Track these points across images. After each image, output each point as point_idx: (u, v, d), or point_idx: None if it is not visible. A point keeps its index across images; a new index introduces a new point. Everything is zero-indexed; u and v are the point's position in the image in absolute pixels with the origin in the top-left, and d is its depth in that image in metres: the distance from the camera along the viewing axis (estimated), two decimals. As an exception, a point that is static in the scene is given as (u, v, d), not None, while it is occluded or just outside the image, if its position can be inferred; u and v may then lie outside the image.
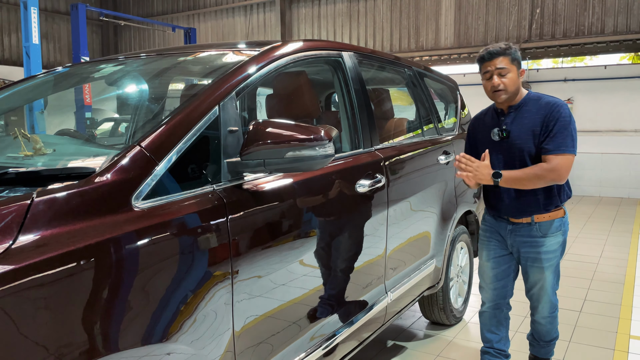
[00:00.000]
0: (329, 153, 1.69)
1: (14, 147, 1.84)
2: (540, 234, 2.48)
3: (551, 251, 2.49)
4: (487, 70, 2.42)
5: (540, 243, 2.48)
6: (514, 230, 2.53)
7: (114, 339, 1.25)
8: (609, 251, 5.63)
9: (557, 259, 2.53)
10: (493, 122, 2.54)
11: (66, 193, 1.25)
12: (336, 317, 2.17)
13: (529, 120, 2.42)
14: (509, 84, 2.40)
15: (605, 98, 9.83)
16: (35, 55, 7.99)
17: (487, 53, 2.41)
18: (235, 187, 1.67)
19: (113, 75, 2.50)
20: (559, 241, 2.51)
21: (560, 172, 2.33)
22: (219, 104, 1.69)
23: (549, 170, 2.33)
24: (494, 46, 2.42)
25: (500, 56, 2.39)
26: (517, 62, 2.43)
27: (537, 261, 2.51)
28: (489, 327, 2.72)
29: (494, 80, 2.40)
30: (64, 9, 14.85)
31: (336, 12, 12.30)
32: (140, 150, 1.44)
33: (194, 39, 12.03)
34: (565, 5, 9.84)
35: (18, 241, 1.13)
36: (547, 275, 2.53)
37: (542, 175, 2.34)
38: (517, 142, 2.43)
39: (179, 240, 1.43)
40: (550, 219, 2.47)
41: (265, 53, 2.03)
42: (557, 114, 2.36)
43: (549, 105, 2.40)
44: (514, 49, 2.42)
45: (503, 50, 2.39)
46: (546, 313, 2.63)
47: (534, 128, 2.40)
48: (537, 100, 2.44)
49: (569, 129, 2.35)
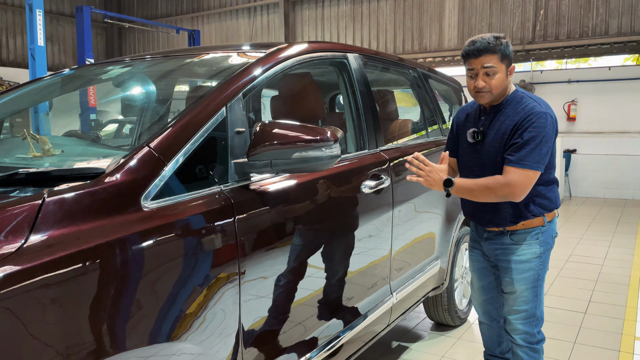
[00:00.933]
0: (336, 154, 1.71)
1: (23, 148, 1.85)
2: (511, 242, 2.22)
3: (523, 261, 2.20)
4: (472, 67, 2.10)
5: (512, 250, 2.22)
6: (489, 237, 2.29)
7: (125, 338, 1.26)
8: (613, 253, 5.62)
9: (532, 273, 2.21)
10: (474, 120, 2.27)
11: (77, 193, 1.27)
12: (341, 317, 2.18)
13: (503, 125, 2.13)
14: (496, 85, 2.09)
15: (610, 99, 9.81)
16: (40, 57, 8.03)
17: (474, 49, 2.07)
18: (242, 187, 1.68)
19: (121, 77, 2.52)
20: (535, 252, 2.20)
21: (514, 188, 2.03)
22: (226, 106, 1.70)
23: (502, 184, 2.04)
24: (481, 40, 2.07)
25: (488, 53, 2.05)
26: (507, 60, 2.10)
27: (507, 271, 2.24)
28: (488, 337, 2.53)
29: (478, 81, 2.09)
30: (68, 11, 14.92)
31: (340, 14, 12.32)
32: (149, 151, 1.46)
33: (198, 41, 12.08)
34: (569, 6, 9.84)
35: (30, 241, 1.14)
36: (519, 289, 2.21)
37: (494, 188, 2.06)
38: (489, 148, 2.16)
39: (188, 240, 1.44)
40: (524, 228, 2.19)
41: (272, 55, 2.04)
42: (529, 122, 2.05)
43: (525, 112, 2.08)
44: (504, 44, 2.08)
45: (492, 47, 2.05)
46: (519, 340, 2.24)
47: (504, 136, 2.11)
48: (517, 103, 2.13)
49: (537, 141, 2.03)
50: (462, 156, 2.32)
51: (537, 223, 2.20)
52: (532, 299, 2.23)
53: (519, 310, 2.24)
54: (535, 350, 2.26)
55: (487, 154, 2.17)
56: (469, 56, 2.10)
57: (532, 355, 2.25)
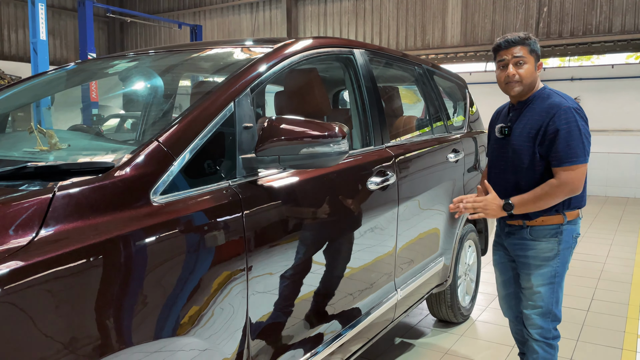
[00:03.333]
0: (343, 150, 1.70)
1: (30, 141, 1.85)
2: (530, 237, 2.27)
3: (541, 257, 2.25)
4: (502, 58, 2.22)
5: (530, 246, 2.27)
6: (510, 232, 2.36)
7: (133, 332, 1.26)
8: (615, 251, 5.62)
9: (549, 270, 2.25)
10: (503, 117, 2.39)
11: (87, 187, 1.27)
12: (347, 313, 2.18)
13: (532, 120, 2.20)
14: (525, 75, 2.19)
15: (613, 97, 9.79)
16: (42, 52, 8.02)
17: (505, 41, 2.21)
18: (250, 182, 1.68)
19: (125, 71, 2.52)
20: (552, 248, 2.24)
21: (568, 186, 2.12)
22: (234, 101, 1.70)
23: (557, 186, 2.12)
24: (512, 34, 2.22)
25: (518, 45, 2.18)
26: (535, 54, 2.22)
27: (524, 266, 2.30)
28: (516, 335, 2.58)
29: (509, 69, 2.20)
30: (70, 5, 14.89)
31: (342, 10, 12.29)
32: (159, 145, 1.45)
33: (200, 36, 12.06)
34: (572, 4, 9.81)
35: (40, 234, 1.14)
36: (535, 284, 2.26)
37: (553, 193, 2.13)
38: (514, 143, 2.24)
39: (196, 235, 1.44)
40: (543, 224, 2.24)
41: (278, 50, 2.04)
42: (558, 120, 2.12)
43: (552, 109, 2.15)
44: (533, 40, 2.22)
45: (522, 40, 2.19)
46: (535, 334, 2.29)
47: (531, 132, 2.19)
48: (544, 99, 2.21)
49: (573, 136, 2.10)
50: (491, 152, 2.41)
51: (557, 221, 2.23)
52: (548, 296, 2.26)
53: (535, 306, 2.29)
54: (551, 346, 2.30)
55: (512, 147, 2.25)
56: (500, 48, 2.23)
57: (547, 351, 2.29)
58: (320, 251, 1.96)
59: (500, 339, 3.36)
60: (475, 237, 3.73)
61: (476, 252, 3.77)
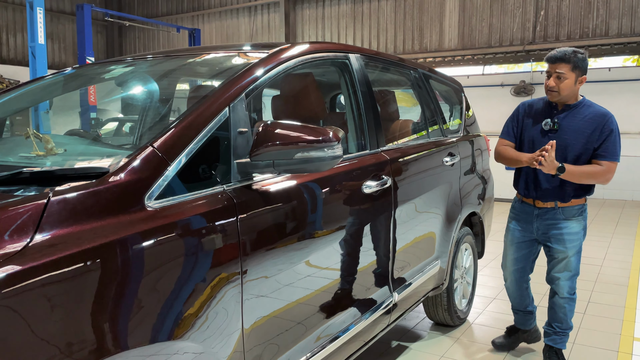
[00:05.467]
0: (338, 154, 1.71)
1: (26, 146, 1.86)
2: (563, 217, 2.81)
3: (574, 232, 2.81)
4: (548, 71, 2.73)
5: (564, 225, 2.81)
6: (540, 214, 2.86)
7: (128, 336, 1.27)
8: (612, 253, 5.64)
9: (579, 242, 2.82)
10: (545, 113, 2.84)
11: (81, 192, 1.27)
12: (342, 317, 2.19)
13: (583, 123, 2.72)
14: (563, 88, 2.69)
15: (610, 100, 9.80)
16: (40, 55, 8.04)
17: (552, 57, 2.70)
18: (244, 187, 1.69)
19: (122, 76, 2.53)
20: (580, 224, 2.83)
21: (609, 175, 2.70)
22: (229, 106, 1.71)
23: (602, 172, 2.68)
24: (560, 51, 2.68)
25: (562, 62, 2.66)
26: (578, 70, 2.67)
27: (561, 242, 2.82)
28: (514, 297, 3.14)
29: (550, 81, 2.71)
30: (69, 9, 14.93)
31: (340, 14, 12.33)
32: (153, 150, 1.46)
33: (198, 40, 12.08)
34: (569, 7, 9.85)
35: (35, 240, 1.15)
36: (570, 255, 2.82)
37: (596, 175, 2.69)
38: (565, 137, 2.74)
39: (191, 240, 1.45)
40: (572, 205, 2.80)
41: (274, 55, 2.05)
42: (610, 125, 2.70)
43: (604, 116, 2.71)
44: (579, 57, 2.66)
45: (567, 58, 2.65)
46: (565, 293, 2.87)
47: (586, 131, 2.70)
48: (590, 108, 2.76)
49: (618, 139, 2.72)
50: (536, 140, 2.85)
51: (581, 201, 2.84)
52: (577, 262, 2.86)
53: (569, 270, 2.84)
54: (573, 300, 2.91)
55: (564, 141, 2.74)
56: (548, 61, 2.73)
57: (571, 304, 2.91)
58: (314, 255, 1.97)
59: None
60: (472, 240, 3.74)
61: (473, 256, 3.78)
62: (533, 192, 2.87)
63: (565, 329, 2.95)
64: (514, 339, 3.22)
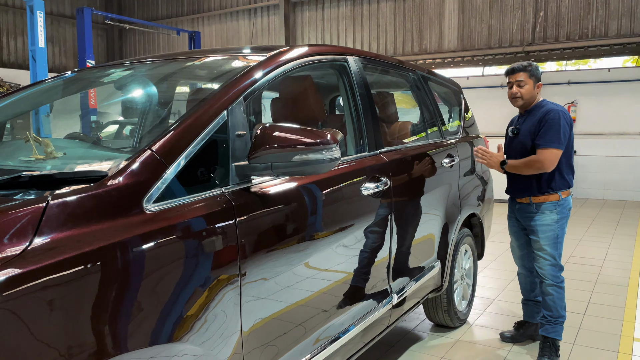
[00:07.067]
0: (336, 156, 1.72)
1: (26, 150, 1.87)
2: (535, 210, 3.10)
3: (546, 224, 3.07)
4: (509, 81, 3.14)
5: (536, 217, 3.09)
6: (520, 208, 3.20)
7: (127, 339, 1.27)
8: (613, 254, 5.64)
9: (552, 234, 3.06)
10: (513, 121, 3.28)
11: (80, 196, 1.28)
12: (341, 319, 2.19)
13: (532, 123, 3.07)
14: (524, 93, 3.09)
15: (609, 101, 9.83)
16: (41, 59, 8.05)
17: (510, 69, 3.13)
18: (243, 190, 1.70)
19: (122, 79, 2.54)
20: (553, 218, 3.06)
21: (544, 162, 2.96)
22: (227, 109, 1.72)
23: (535, 160, 2.99)
24: (516, 63, 3.13)
25: (520, 72, 3.08)
26: (534, 78, 3.08)
27: (534, 232, 3.12)
28: (524, 285, 3.38)
29: (513, 89, 3.11)
30: (69, 12, 14.96)
31: (340, 16, 12.34)
32: (152, 154, 1.47)
33: (198, 43, 12.10)
34: (568, 8, 9.86)
35: (34, 243, 1.16)
36: (543, 244, 3.08)
37: (530, 164, 3.01)
38: (522, 139, 3.12)
39: (189, 243, 1.46)
40: (545, 201, 3.07)
41: (272, 58, 2.06)
42: (547, 117, 3.01)
43: (548, 112, 3.03)
44: (533, 66, 3.09)
45: (524, 67, 3.08)
46: (549, 279, 3.08)
47: (532, 129, 3.05)
48: (540, 108, 3.09)
49: (555, 128, 2.96)
50: (507, 147, 3.27)
51: (554, 198, 3.07)
52: (553, 251, 3.08)
53: (545, 259, 3.09)
54: (560, 288, 3.10)
55: (521, 144, 3.12)
56: (507, 74, 3.15)
57: (558, 292, 3.09)
58: (313, 257, 1.98)
59: (497, 343, 3.37)
60: (472, 242, 3.74)
61: (472, 257, 3.79)
62: (511, 189, 3.23)
63: (557, 318, 3.08)
64: (522, 333, 3.39)
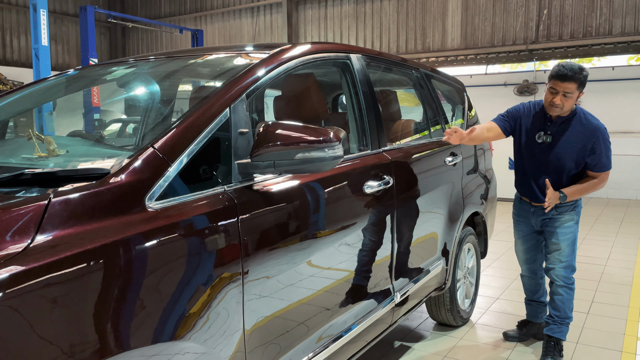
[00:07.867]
0: (338, 154, 1.71)
1: (28, 148, 1.87)
2: (556, 213, 3.01)
3: (566, 226, 3.00)
4: (554, 87, 2.77)
5: (557, 219, 3.01)
6: (535, 211, 3.09)
7: (129, 337, 1.27)
8: (616, 253, 5.62)
9: (572, 235, 3.01)
10: (540, 123, 2.96)
11: (82, 193, 1.28)
12: (344, 317, 2.19)
13: (576, 137, 2.87)
14: (567, 105, 2.81)
15: (613, 99, 9.78)
16: (44, 57, 8.05)
17: (563, 75, 2.71)
18: (245, 188, 1.69)
19: (125, 77, 2.54)
20: (572, 219, 3.01)
21: (604, 183, 2.96)
22: (229, 106, 1.71)
23: (597, 184, 2.93)
24: (568, 68, 2.70)
25: (571, 81, 2.71)
26: (581, 87, 2.77)
27: (554, 235, 3.03)
28: (528, 286, 3.34)
29: (556, 98, 2.77)
30: (72, 11, 14.97)
31: (342, 14, 12.32)
32: (154, 151, 1.47)
33: (201, 41, 12.10)
34: (572, 6, 9.82)
35: (36, 240, 1.15)
36: (562, 246, 3.01)
37: (593, 187, 2.93)
38: (558, 150, 2.90)
39: (192, 241, 1.46)
40: (566, 203, 2.97)
41: (275, 56, 2.05)
42: (599, 135, 2.85)
43: (594, 131, 2.85)
44: (584, 75, 2.73)
45: (576, 77, 2.71)
46: (560, 281, 3.03)
47: (577, 146, 2.87)
48: (582, 121, 2.88)
49: (609, 149, 2.91)
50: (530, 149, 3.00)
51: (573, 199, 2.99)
52: (570, 253, 3.03)
53: (562, 261, 3.02)
54: (571, 289, 3.05)
55: (555, 155, 2.91)
56: (557, 79, 2.75)
57: (568, 292, 3.04)
58: (316, 255, 1.97)
59: (500, 342, 3.37)
60: (475, 240, 3.73)
61: (475, 256, 3.78)
62: (531, 194, 3.07)
63: (564, 318, 3.04)
64: (525, 332, 3.37)
